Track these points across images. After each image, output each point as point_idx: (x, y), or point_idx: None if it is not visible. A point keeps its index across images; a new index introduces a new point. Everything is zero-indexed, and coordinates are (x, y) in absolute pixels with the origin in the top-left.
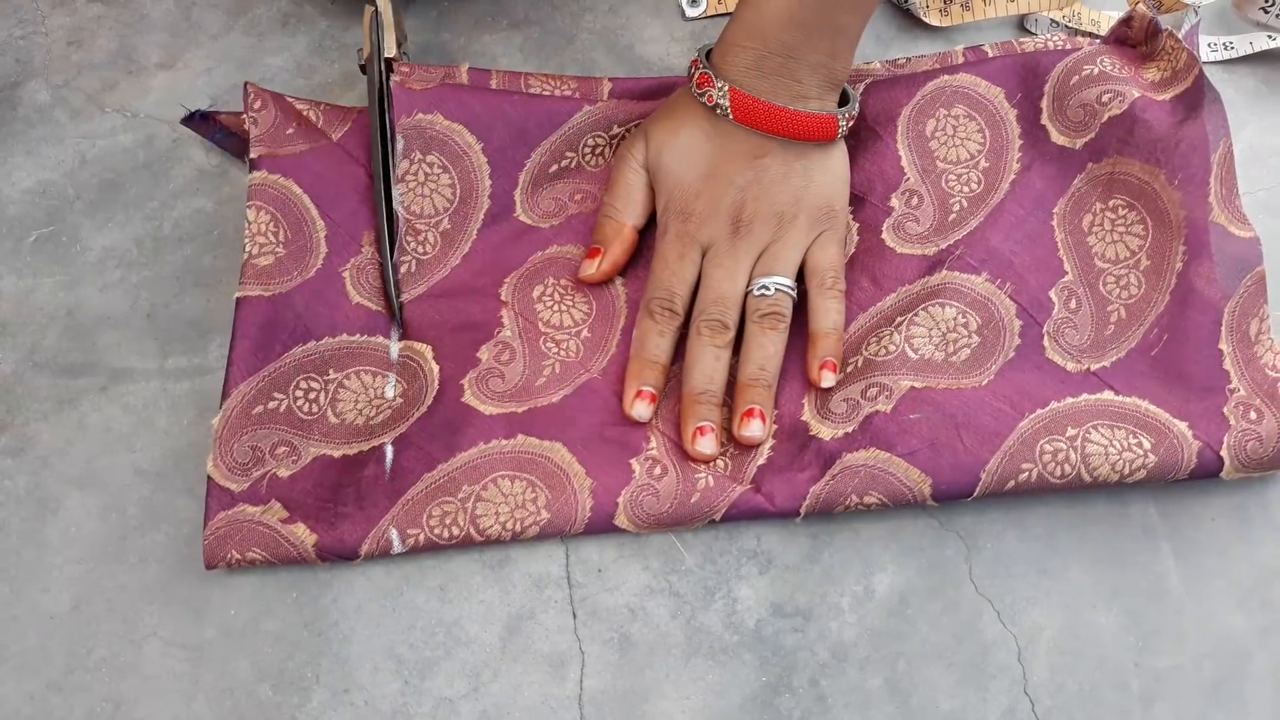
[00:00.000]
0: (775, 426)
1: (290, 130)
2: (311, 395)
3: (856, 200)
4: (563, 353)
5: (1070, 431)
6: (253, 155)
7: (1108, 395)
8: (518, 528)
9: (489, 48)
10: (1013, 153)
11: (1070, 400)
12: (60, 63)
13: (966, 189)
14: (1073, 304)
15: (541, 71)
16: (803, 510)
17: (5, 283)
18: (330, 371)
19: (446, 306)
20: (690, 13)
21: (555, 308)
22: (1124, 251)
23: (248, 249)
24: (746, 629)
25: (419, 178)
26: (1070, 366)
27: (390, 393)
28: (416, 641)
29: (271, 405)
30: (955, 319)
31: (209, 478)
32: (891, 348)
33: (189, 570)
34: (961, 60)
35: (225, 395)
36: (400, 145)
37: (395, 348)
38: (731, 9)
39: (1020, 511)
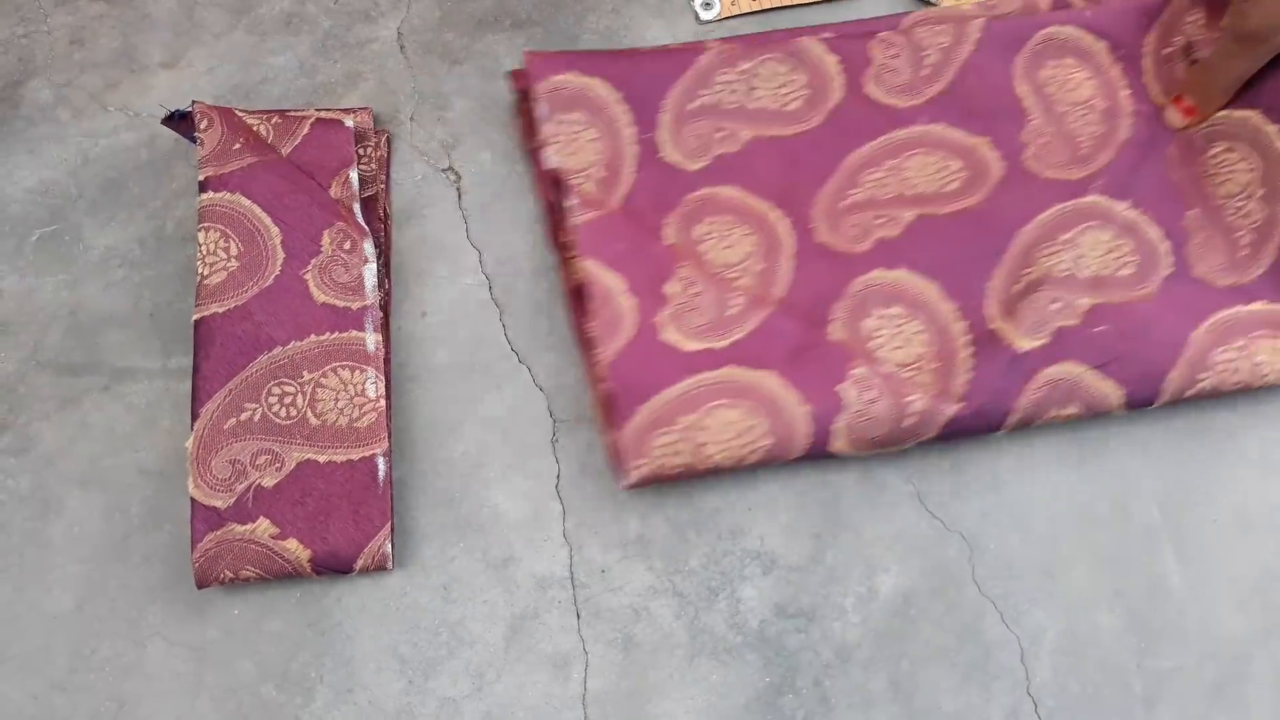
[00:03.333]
0: (970, 334)
1: (237, 145)
2: (287, 400)
3: (991, 134)
4: (741, 288)
5: (1239, 342)
6: (200, 178)
7: (1259, 305)
8: (742, 454)
9: (492, 47)
10: (1123, 99)
11: (1227, 312)
12: (63, 61)
13: (1089, 129)
14: (1203, 234)
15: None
16: (1009, 423)
17: (8, 282)
18: (304, 373)
19: (622, 242)
20: (705, 16)
21: (720, 245)
22: (1235, 188)
23: (200, 271)
24: (750, 629)
25: (565, 137)
26: (1220, 283)
27: (372, 390)
28: (420, 641)
29: (244, 416)
30: (1112, 240)
31: (192, 499)
32: (1063, 266)
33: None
34: (1049, 7)
35: (195, 417)
36: (545, 109)
37: (371, 339)
38: (744, 10)
39: (1023, 512)
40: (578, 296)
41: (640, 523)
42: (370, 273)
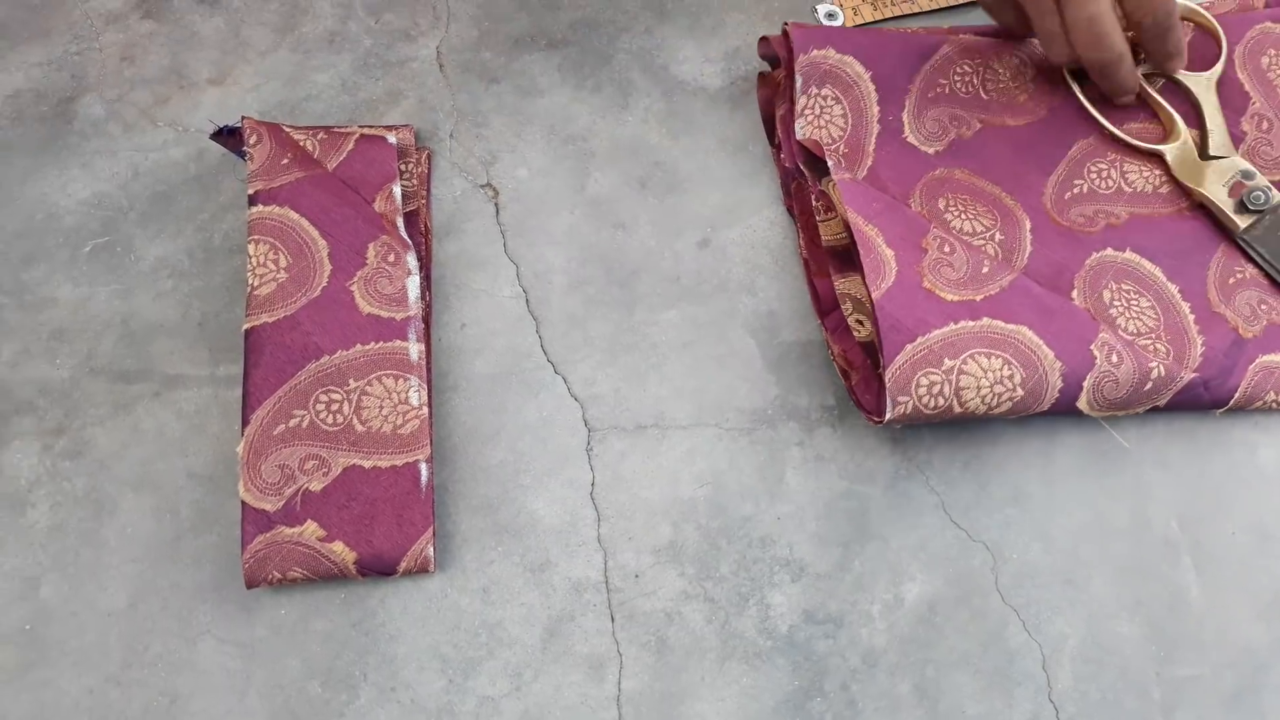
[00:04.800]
0: (1194, 315)
1: (285, 160)
2: (334, 406)
3: (1207, 124)
4: (987, 253)
5: None
6: (250, 191)
7: None
8: (994, 402)
9: (529, 66)
10: None
11: None
12: (114, 78)
13: None
14: None
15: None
16: (1234, 400)
17: (63, 291)
18: (351, 381)
19: (878, 202)
20: (827, 24)
21: (962, 216)
22: None
23: (250, 282)
24: (779, 634)
25: (815, 110)
26: None
27: (415, 398)
28: (461, 642)
29: (292, 423)
30: None
31: (243, 502)
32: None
33: (241, 571)
34: (1264, 8)
35: (245, 423)
36: (799, 82)
37: (415, 349)
38: (867, 20)
39: (1045, 523)
40: (827, 254)
41: (672, 530)
42: (414, 284)
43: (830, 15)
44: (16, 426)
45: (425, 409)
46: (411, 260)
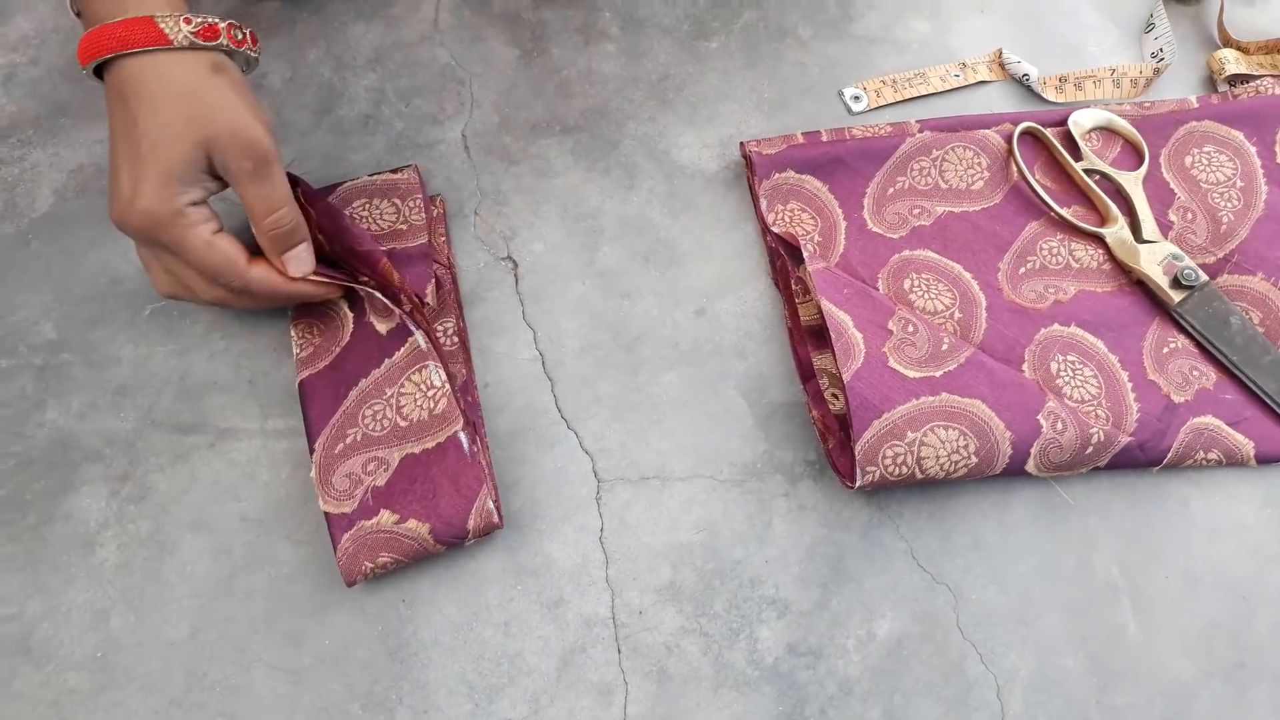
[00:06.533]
0: (1132, 382)
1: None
2: (379, 415)
3: (1138, 214)
4: (947, 330)
5: None
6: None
7: None
8: (952, 469)
9: (545, 150)
10: (1259, 178)
11: None
12: None
13: (1230, 204)
14: None
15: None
16: (1167, 460)
17: (125, 350)
18: (387, 390)
19: (848, 288)
20: (855, 108)
21: (925, 295)
22: None
23: (296, 353)
24: (766, 665)
25: (786, 219)
26: None
27: (437, 379)
28: (485, 670)
29: (348, 440)
30: (1244, 311)
31: (325, 514)
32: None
33: (289, 606)
34: (1196, 106)
35: (311, 451)
36: (764, 203)
37: (421, 338)
38: (888, 101)
39: (1001, 568)
40: (805, 331)
41: (672, 571)
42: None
43: (856, 98)
44: (86, 473)
45: (447, 384)
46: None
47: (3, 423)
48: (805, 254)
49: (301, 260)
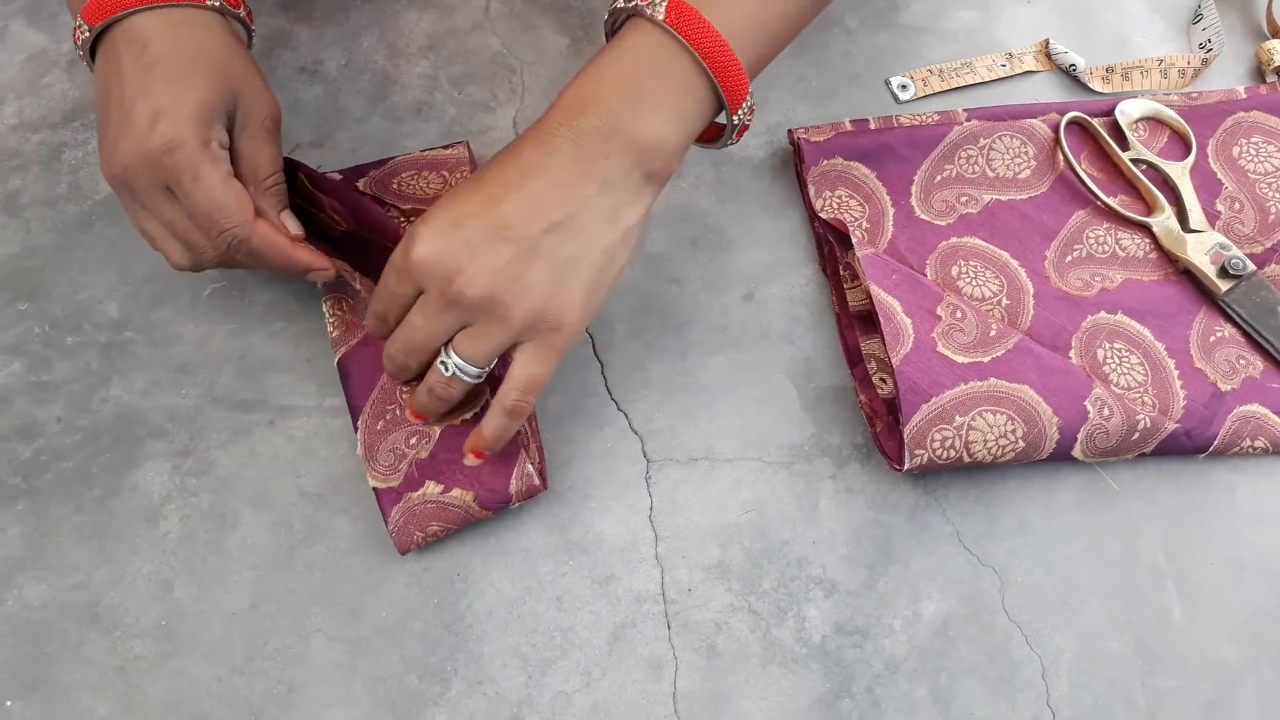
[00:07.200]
0: (1179, 370)
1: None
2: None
3: (1185, 205)
4: (995, 317)
5: None
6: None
7: None
8: (999, 453)
9: None
10: None
11: None
12: None
13: (1278, 194)
14: None
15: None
16: (1214, 447)
17: (187, 329)
18: None
19: (897, 274)
20: (903, 97)
21: (973, 282)
22: None
23: (330, 331)
24: (814, 643)
25: (834, 206)
26: None
27: None
28: (538, 643)
29: (389, 416)
30: None
31: (374, 489)
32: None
33: (347, 578)
34: (1244, 97)
35: (356, 429)
36: (812, 190)
37: None
38: (934, 90)
39: (1047, 552)
40: (853, 316)
41: (720, 550)
42: None
43: (903, 87)
44: (149, 449)
45: None
46: None
47: (70, 398)
48: (854, 240)
49: (296, 222)
